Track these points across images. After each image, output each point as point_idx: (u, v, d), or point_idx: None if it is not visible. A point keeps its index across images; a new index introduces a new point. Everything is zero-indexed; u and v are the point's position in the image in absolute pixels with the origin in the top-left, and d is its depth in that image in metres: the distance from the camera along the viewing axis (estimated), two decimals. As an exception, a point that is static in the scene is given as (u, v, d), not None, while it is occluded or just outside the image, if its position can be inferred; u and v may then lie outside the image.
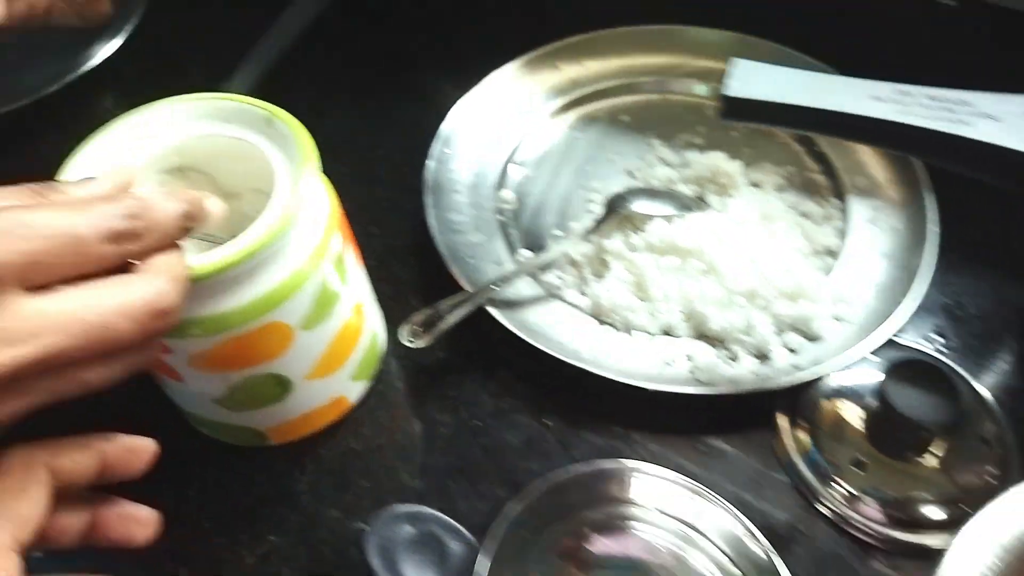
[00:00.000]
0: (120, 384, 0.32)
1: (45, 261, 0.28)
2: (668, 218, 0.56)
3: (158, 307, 0.31)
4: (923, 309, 0.52)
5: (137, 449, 0.34)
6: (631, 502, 0.40)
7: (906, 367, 0.45)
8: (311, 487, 0.49)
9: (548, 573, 0.37)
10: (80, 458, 0.32)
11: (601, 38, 0.69)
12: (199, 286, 0.37)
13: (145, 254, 0.32)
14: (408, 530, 0.37)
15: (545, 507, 0.38)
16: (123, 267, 0.32)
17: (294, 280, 0.41)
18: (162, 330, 0.32)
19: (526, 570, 0.36)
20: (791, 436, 0.49)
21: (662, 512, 0.39)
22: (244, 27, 0.73)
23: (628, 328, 0.53)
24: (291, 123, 0.43)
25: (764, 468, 0.48)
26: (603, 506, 0.39)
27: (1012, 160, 0.43)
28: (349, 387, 0.51)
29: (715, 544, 0.38)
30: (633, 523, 0.39)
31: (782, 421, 0.49)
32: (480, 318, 0.52)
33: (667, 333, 0.53)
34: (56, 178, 0.40)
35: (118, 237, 0.30)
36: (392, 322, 0.54)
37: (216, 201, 0.37)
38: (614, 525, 0.39)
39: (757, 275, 0.53)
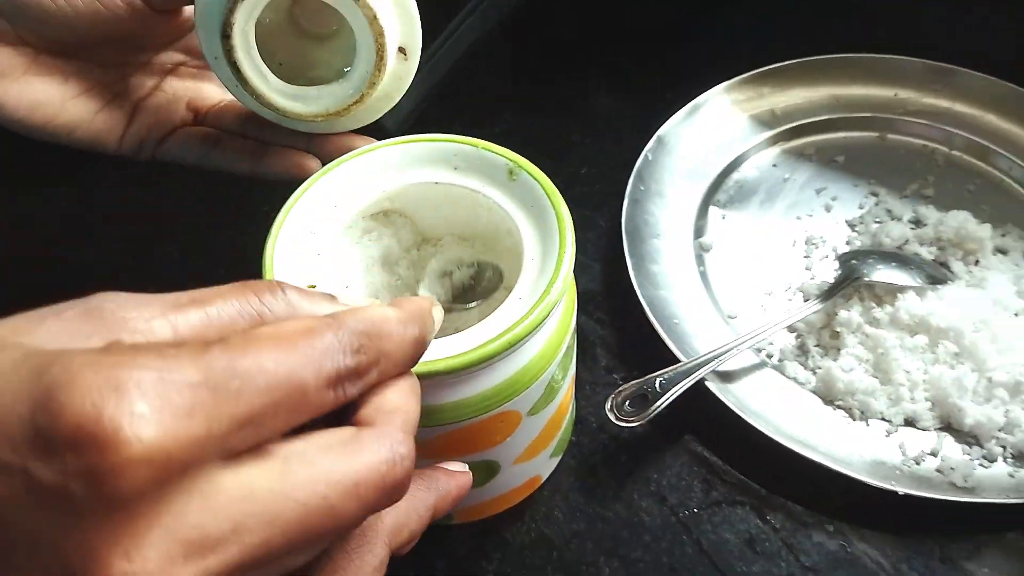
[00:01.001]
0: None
1: (259, 422, 0.20)
2: (919, 291, 0.49)
3: (390, 480, 0.23)
4: None
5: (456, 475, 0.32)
6: None
7: None
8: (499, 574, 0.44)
9: None
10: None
11: (811, 64, 0.62)
12: (434, 381, 0.33)
13: (369, 391, 0.24)
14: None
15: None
16: (341, 412, 0.24)
17: (537, 364, 0.36)
18: (388, 506, 0.23)
19: None
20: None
21: None
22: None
23: (865, 415, 0.46)
24: (542, 180, 0.38)
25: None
26: None
27: None
28: (545, 465, 0.46)
29: None
30: None
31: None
32: (687, 393, 0.46)
33: (910, 424, 0.46)
34: (271, 238, 0.35)
35: (343, 379, 0.22)
36: (580, 385, 0.49)
37: (439, 309, 0.31)
38: None
39: (1019, 359, 0.45)
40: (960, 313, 0.47)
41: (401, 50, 0.41)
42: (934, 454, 0.45)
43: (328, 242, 0.38)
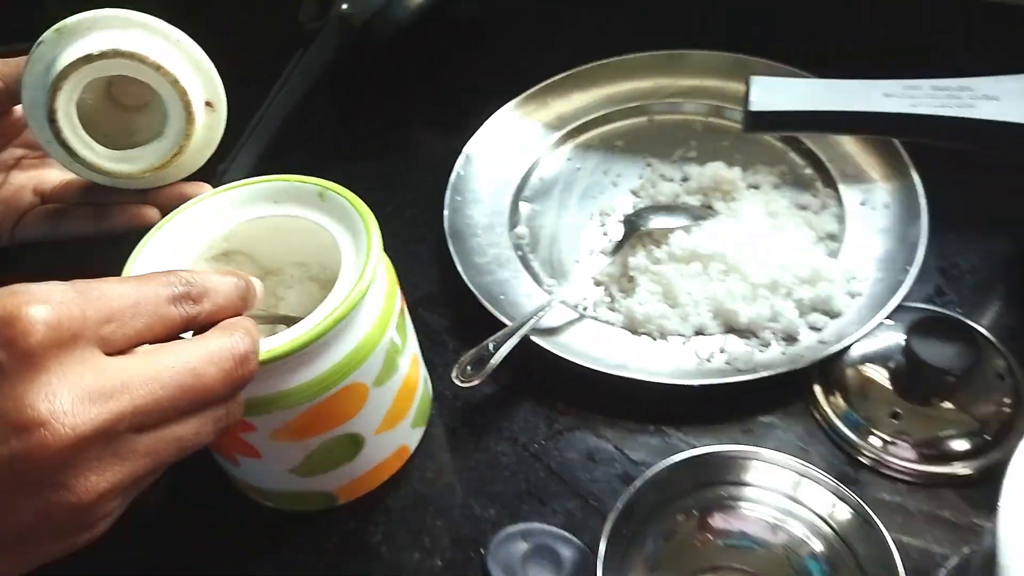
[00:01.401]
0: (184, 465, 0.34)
1: (120, 319, 0.30)
2: (686, 229, 0.60)
3: (239, 352, 0.33)
4: (922, 272, 0.56)
5: None
6: (731, 483, 0.42)
7: (926, 323, 0.49)
8: (387, 537, 0.51)
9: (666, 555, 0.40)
10: None
11: (583, 73, 0.74)
12: (283, 363, 0.40)
13: (211, 319, 0.34)
14: (523, 546, 0.39)
15: (647, 501, 0.40)
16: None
17: (370, 340, 0.44)
18: (246, 378, 0.34)
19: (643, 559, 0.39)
20: (828, 403, 0.52)
21: (756, 486, 0.42)
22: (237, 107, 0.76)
23: (664, 335, 0.56)
24: (347, 195, 0.46)
25: (808, 435, 0.52)
26: (708, 489, 0.41)
27: (1016, 133, 0.47)
28: (410, 435, 0.53)
29: (812, 510, 0.41)
30: (739, 503, 0.42)
31: (818, 392, 0.53)
32: (519, 352, 0.54)
33: (700, 333, 0.56)
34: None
35: (180, 299, 0.32)
36: (433, 368, 0.57)
37: (257, 280, 0.39)
38: (724, 505, 0.41)
39: (775, 267, 0.56)
40: (723, 239, 0.58)
41: (208, 104, 0.49)
42: (722, 351, 0.55)
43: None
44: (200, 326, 0.34)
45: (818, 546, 0.40)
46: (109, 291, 0.30)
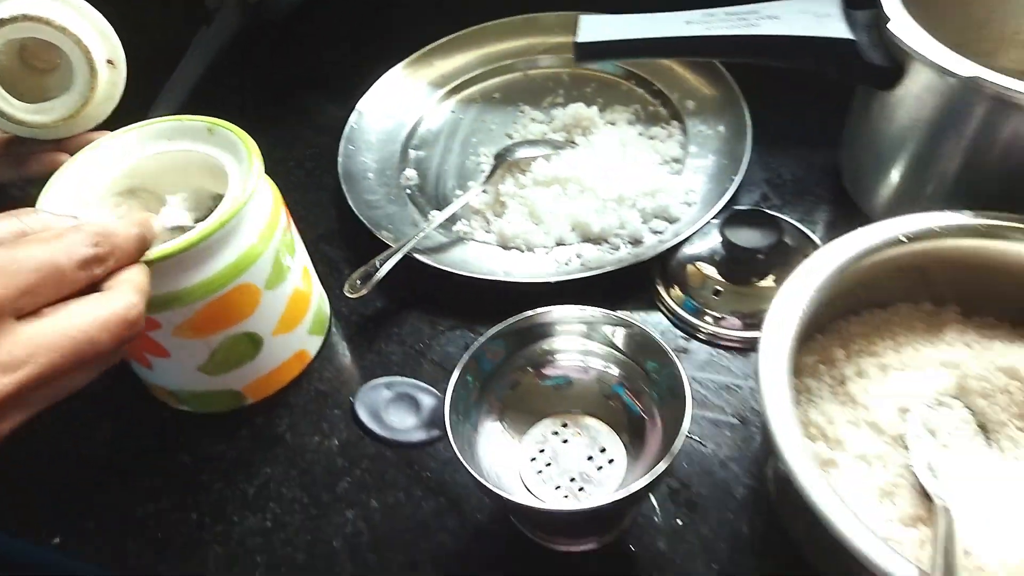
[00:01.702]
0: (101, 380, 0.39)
1: (33, 291, 0.34)
2: (547, 157, 0.68)
3: (129, 318, 0.37)
4: (751, 184, 0.67)
5: None
6: (550, 336, 0.50)
7: (737, 215, 0.58)
8: (291, 426, 0.58)
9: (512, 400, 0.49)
10: None
11: (464, 36, 0.82)
12: (180, 260, 0.47)
13: (111, 273, 0.39)
14: (387, 393, 0.47)
15: (490, 360, 0.48)
16: (94, 286, 0.38)
17: (257, 248, 0.51)
18: (133, 336, 0.38)
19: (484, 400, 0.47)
20: (668, 295, 0.61)
21: (566, 335, 0.50)
22: (146, 79, 0.83)
23: (530, 247, 0.65)
24: (233, 129, 0.53)
25: (655, 322, 0.61)
26: (536, 345, 0.50)
27: (792, 44, 0.56)
28: (308, 341, 0.60)
29: (608, 346, 0.49)
30: (557, 354, 0.50)
31: (660, 286, 0.61)
32: (407, 271, 0.62)
33: (561, 244, 0.65)
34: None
35: (89, 263, 0.36)
36: (332, 291, 0.65)
37: (156, 218, 0.47)
38: (547, 359, 0.50)
39: (622, 184, 0.65)
40: (579, 165, 0.67)
41: (109, 62, 0.56)
42: (578, 256, 0.64)
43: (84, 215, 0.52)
44: (103, 279, 0.38)
45: (615, 371, 0.49)
46: (27, 261, 0.34)
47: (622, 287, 0.61)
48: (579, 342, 0.50)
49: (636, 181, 0.65)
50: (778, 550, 0.48)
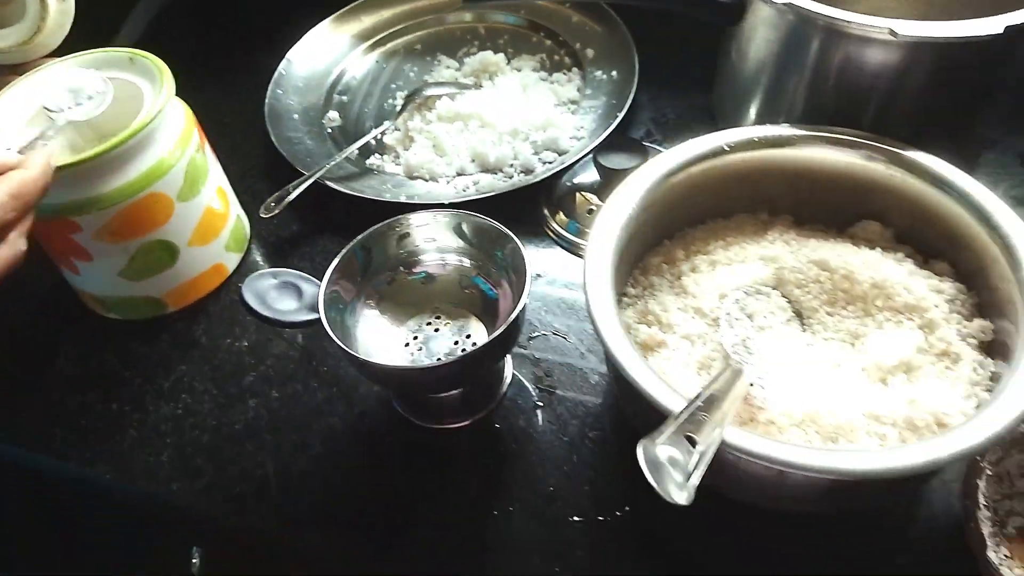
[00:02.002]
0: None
1: None
2: (451, 96, 0.75)
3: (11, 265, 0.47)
4: (639, 122, 0.73)
5: None
6: (415, 238, 0.56)
7: (610, 143, 0.65)
8: (207, 331, 0.64)
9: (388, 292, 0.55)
10: None
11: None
12: (96, 167, 0.54)
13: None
14: (272, 280, 0.53)
15: (366, 259, 0.55)
16: None
17: (167, 160, 0.58)
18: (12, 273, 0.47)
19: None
20: (554, 219, 0.67)
21: (427, 238, 0.56)
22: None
23: (433, 177, 0.71)
24: (149, 57, 0.60)
25: (544, 243, 0.67)
26: (404, 246, 0.56)
27: None
28: (226, 256, 0.67)
29: (478, 248, 0.56)
30: (423, 254, 0.57)
31: (546, 211, 0.68)
32: (322, 199, 0.68)
33: (461, 174, 0.71)
34: None
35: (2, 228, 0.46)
36: (254, 217, 0.71)
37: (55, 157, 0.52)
38: (414, 259, 0.57)
39: (517, 119, 0.72)
40: (482, 104, 0.74)
41: None
42: (475, 183, 0.70)
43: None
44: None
45: (469, 263, 0.56)
46: None
47: (515, 214, 0.67)
48: (436, 242, 0.56)
49: (530, 118, 0.72)
50: (620, 426, 0.55)
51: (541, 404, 0.56)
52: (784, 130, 0.54)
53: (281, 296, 0.53)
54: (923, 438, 0.43)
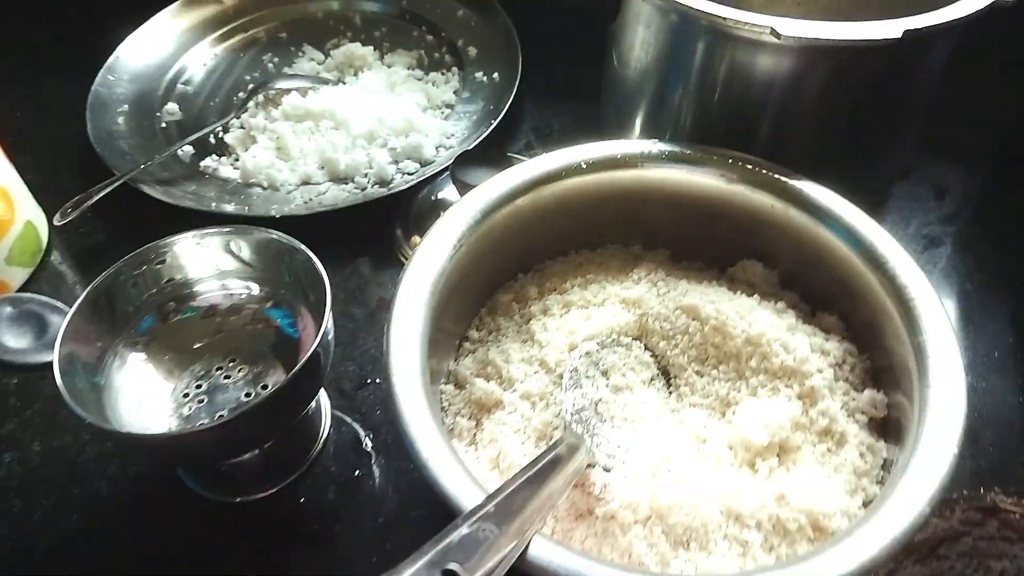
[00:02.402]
0: None
1: None
2: (302, 91, 0.64)
3: None
4: (519, 132, 0.64)
5: None
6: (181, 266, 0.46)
7: (471, 154, 0.55)
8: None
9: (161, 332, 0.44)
10: None
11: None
12: None
13: None
14: (9, 310, 0.42)
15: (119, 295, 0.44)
16: None
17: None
18: None
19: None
20: (408, 241, 0.57)
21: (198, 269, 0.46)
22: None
23: (273, 185, 0.60)
24: None
25: (388, 267, 0.57)
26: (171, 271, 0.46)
27: None
28: (6, 271, 0.55)
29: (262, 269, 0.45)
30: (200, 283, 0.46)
31: (401, 231, 0.58)
32: (139, 206, 0.57)
33: (306, 182, 0.60)
34: None
35: None
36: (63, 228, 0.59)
37: None
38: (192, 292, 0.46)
39: (374, 121, 0.61)
40: (338, 102, 0.63)
41: None
42: (321, 194, 0.60)
43: None
44: None
45: (257, 289, 0.45)
46: None
47: (365, 233, 0.58)
48: (216, 267, 0.45)
49: (387, 117, 0.62)
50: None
51: (359, 472, 0.46)
52: (653, 147, 0.46)
53: (15, 329, 0.42)
54: (793, 547, 0.34)
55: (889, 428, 0.38)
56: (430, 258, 0.40)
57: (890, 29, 0.41)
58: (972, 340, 0.52)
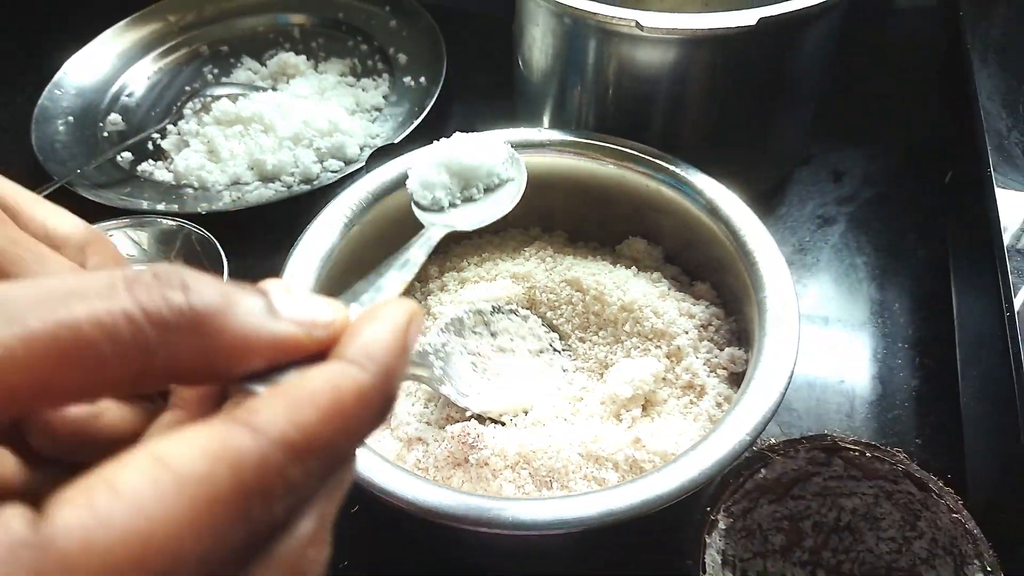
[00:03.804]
0: None
1: None
2: (232, 97, 0.68)
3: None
4: (446, 131, 0.66)
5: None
6: None
7: (385, 151, 0.58)
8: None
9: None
10: None
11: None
12: None
13: None
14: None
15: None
16: None
17: None
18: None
19: None
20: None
21: None
22: None
23: (203, 185, 0.63)
24: None
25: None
26: None
27: None
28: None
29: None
30: None
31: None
32: (74, 211, 0.60)
33: (236, 183, 0.64)
34: None
35: None
36: None
37: None
38: None
39: (300, 124, 0.65)
40: (266, 106, 0.67)
41: None
42: (249, 192, 0.63)
43: None
44: None
45: None
46: None
47: (293, 228, 0.60)
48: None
49: (312, 119, 0.65)
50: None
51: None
52: (538, 135, 0.49)
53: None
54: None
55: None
56: (319, 235, 0.43)
57: (746, 18, 0.45)
58: (860, 309, 0.55)
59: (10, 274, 0.22)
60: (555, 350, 0.46)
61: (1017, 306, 0.39)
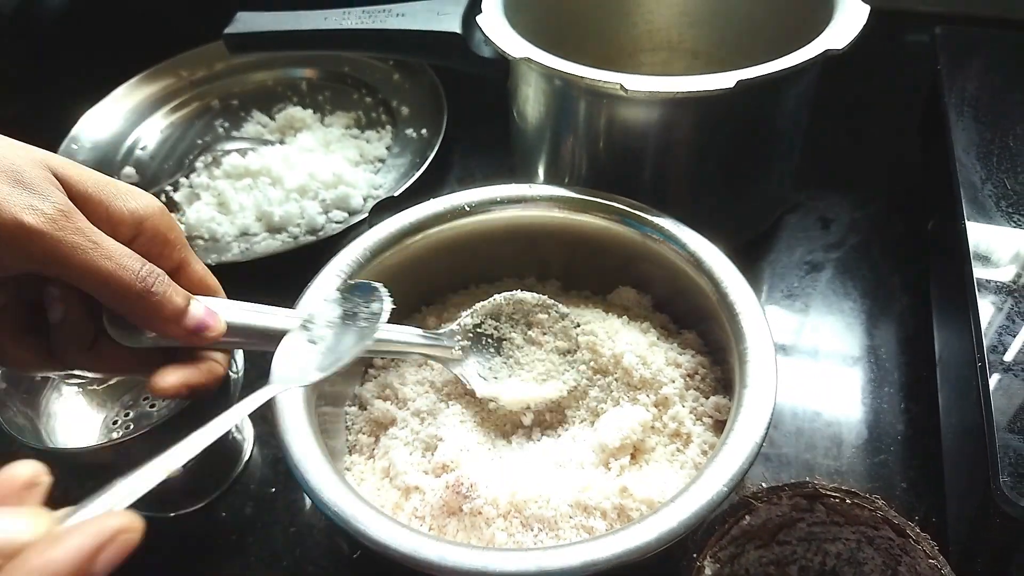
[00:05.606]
0: None
1: None
2: (242, 152, 0.71)
3: None
4: (444, 183, 0.70)
5: None
6: None
7: (387, 203, 0.61)
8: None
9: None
10: None
11: (210, 50, 0.85)
12: None
13: None
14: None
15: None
16: None
17: None
18: None
19: None
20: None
21: None
22: None
23: (213, 237, 0.66)
24: None
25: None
26: None
27: (410, 36, 0.60)
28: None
29: None
30: None
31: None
32: None
33: (245, 234, 0.66)
34: None
35: None
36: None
37: None
38: None
39: (306, 176, 0.68)
40: (273, 160, 0.69)
41: None
42: (257, 243, 0.65)
43: None
44: None
45: None
46: None
47: (299, 278, 0.63)
48: None
49: (317, 172, 0.68)
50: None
51: (275, 489, 0.51)
52: (527, 191, 0.51)
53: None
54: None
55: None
56: (317, 293, 0.45)
57: (725, 80, 0.47)
58: (849, 353, 0.57)
59: (71, 258, 0.31)
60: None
61: (988, 356, 0.41)
